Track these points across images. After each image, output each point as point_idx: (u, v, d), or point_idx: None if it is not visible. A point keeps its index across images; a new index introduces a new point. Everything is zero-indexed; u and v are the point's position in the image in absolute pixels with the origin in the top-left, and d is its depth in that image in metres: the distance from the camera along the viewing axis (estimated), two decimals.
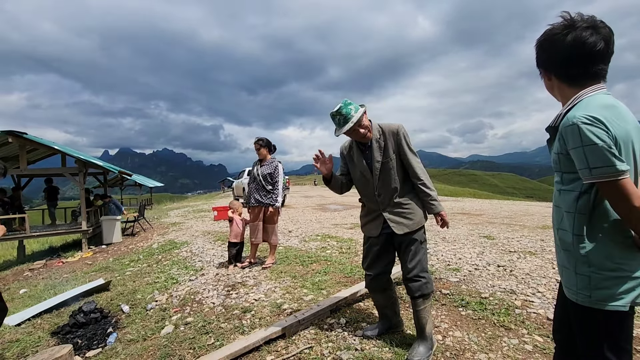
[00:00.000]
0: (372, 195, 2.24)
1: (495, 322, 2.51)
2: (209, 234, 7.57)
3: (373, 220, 2.28)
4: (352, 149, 2.31)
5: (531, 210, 9.76)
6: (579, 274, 1.07)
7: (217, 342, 2.58)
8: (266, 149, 4.39)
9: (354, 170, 2.32)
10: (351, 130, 2.09)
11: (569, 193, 1.09)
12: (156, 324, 3.11)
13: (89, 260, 7.12)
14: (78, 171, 9.13)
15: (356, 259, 4.46)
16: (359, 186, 2.34)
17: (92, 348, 2.86)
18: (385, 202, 2.21)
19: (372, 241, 2.31)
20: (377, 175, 2.18)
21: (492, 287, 3.19)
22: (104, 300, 3.93)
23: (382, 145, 2.16)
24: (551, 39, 1.11)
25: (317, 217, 9.78)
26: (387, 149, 2.16)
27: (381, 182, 2.18)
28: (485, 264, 3.89)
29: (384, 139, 2.17)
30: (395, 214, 2.18)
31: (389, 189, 2.18)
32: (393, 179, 2.17)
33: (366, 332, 2.41)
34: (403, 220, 2.17)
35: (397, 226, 2.17)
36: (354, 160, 2.28)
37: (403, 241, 2.19)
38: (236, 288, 3.70)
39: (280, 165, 4.38)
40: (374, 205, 2.26)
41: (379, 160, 2.16)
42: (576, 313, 1.10)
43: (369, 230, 2.32)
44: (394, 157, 2.16)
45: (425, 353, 2.08)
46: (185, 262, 5.21)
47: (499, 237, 5.46)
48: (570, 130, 1.00)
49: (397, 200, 2.19)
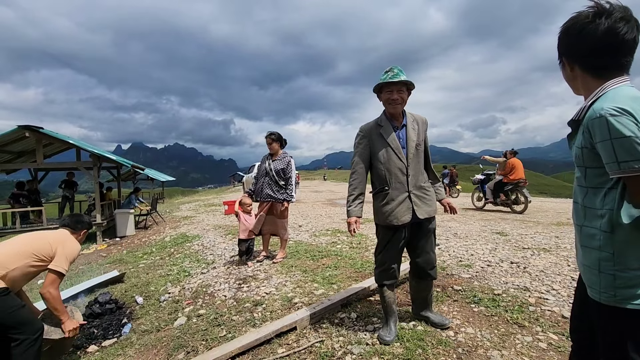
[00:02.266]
0: (403, 174, 2.21)
1: (509, 319, 2.48)
2: (219, 228, 7.64)
3: (401, 203, 2.20)
4: (381, 127, 2.25)
5: (545, 206, 9.57)
6: (603, 272, 1.03)
7: (229, 335, 2.61)
8: (278, 144, 4.38)
9: (383, 148, 2.23)
10: (399, 85, 2.16)
11: (594, 189, 1.05)
12: (169, 315, 3.17)
13: (103, 252, 7.28)
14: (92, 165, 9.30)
15: (366, 254, 4.45)
16: (386, 165, 2.22)
17: (108, 338, 2.93)
18: (412, 183, 2.23)
19: (400, 232, 2.24)
20: (411, 155, 2.22)
21: (505, 283, 3.14)
22: (118, 292, 4.01)
23: (416, 129, 2.26)
24: (580, 27, 1.05)
25: (327, 211, 9.78)
26: (419, 134, 2.27)
27: (411, 162, 2.22)
28: (498, 261, 3.83)
29: (416, 124, 2.27)
30: (419, 198, 2.24)
31: (416, 171, 2.25)
32: (420, 163, 2.29)
33: (385, 338, 2.25)
34: (424, 206, 2.24)
35: (419, 210, 2.22)
36: (385, 137, 2.23)
37: (422, 228, 2.28)
38: (247, 281, 3.73)
39: (292, 160, 4.37)
40: (401, 187, 2.21)
41: (414, 141, 2.23)
42: (599, 313, 1.07)
43: (400, 215, 2.19)
44: (422, 143, 2.28)
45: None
46: (197, 255, 5.27)
47: (512, 233, 5.37)
48: (597, 122, 0.95)
49: (421, 184, 2.27)
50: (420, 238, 2.30)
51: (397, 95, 2.18)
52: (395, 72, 2.16)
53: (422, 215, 2.21)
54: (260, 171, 4.42)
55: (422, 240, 2.31)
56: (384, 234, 2.33)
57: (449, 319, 2.46)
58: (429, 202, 2.27)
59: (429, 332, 2.36)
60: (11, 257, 2.24)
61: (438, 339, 2.27)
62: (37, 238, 2.43)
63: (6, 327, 2.11)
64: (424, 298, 2.48)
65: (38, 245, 2.36)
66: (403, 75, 2.14)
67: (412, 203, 2.21)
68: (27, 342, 2.13)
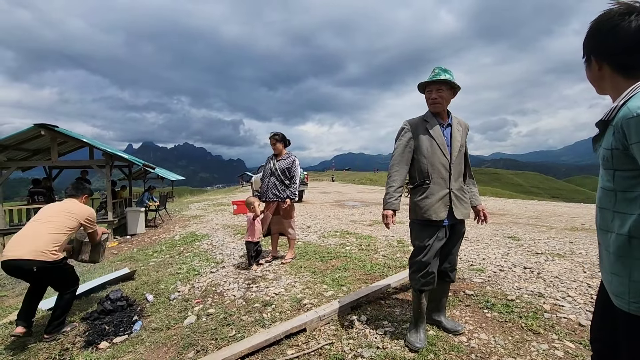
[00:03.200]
0: (446, 170, 2.18)
1: (523, 326, 2.42)
2: (228, 227, 7.68)
3: (440, 199, 2.16)
4: (428, 123, 2.22)
5: (558, 210, 9.40)
6: (634, 280, 0.98)
7: (238, 334, 2.61)
8: (282, 144, 4.40)
9: (429, 142, 2.19)
10: (438, 84, 2.16)
11: (624, 193, 1.00)
12: (179, 313, 3.18)
13: (114, 249, 7.37)
14: (105, 163, 9.44)
15: (375, 256, 4.41)
16: (430, 160, 2.18)
17: (119, 334, 2.95)
18: (454, 181, 2.22)
19: (440, 231, 2.18)
20: (456, 154, 2.21)
21: (519, 289, 3.08)
22: (129, 289, 4.05)
23: (461, 131, 2.27)
24: (611, 24, 1.01)
25: (335, 213, 9.75)
26: (463, 136, 2.28)
27: (455, 162, 2.21)
28: (510, 266, 3.76)
29: (461, 127, 2.29)
30: (458, 199, 2.23)
31: (458, 171, 2.25)
32: (461, 164, 2.29)
33: (416, 344, 2.17)
34: (461, 207, 2.24)
35: (457, 210, 2.20)
36: (430, 132, 2.20)
37: (456, 230, 2.29)
38: (256, 281, 3.73)
39: (297, 160, 4.38)
40: (443, 183, 2.18)
41: (459, 141, 2.24)
42: (627, 323, 1.02)
43: (439, 210, 2.14)
44: (464, 145, 2.30)
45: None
46: (206, 254, 5.30)
47: (525, 238, 5.27)
48: (634, 122, 0.90)
49: (461, 185, 2.28)
50: (452, 240, 2.29)
51: (436, 94, 2.18)
52: (436, 72, 2.18)
53: (459, 215, 2.20)
54: (265, 172, 4.44)
55: (452, 242, 2.30)
56: (423, 232, 2.20)
57: (462, 325, 2.42)
58: (465, 205, 2.27)
59: (440, 337, 2.32)
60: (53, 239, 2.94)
61: (450, 344, 2.23)
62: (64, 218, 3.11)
63: (67, 283, 3.09)
64: (439, 301, 2.44)
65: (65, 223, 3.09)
66: (444, 75, 2.14)
67: (451, 201, 2.18)
68: (70, 293, 3.11)
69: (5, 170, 8.89)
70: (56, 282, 3.05)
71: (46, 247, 2.87)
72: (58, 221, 3.06)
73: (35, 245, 2.85)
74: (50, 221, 3.04)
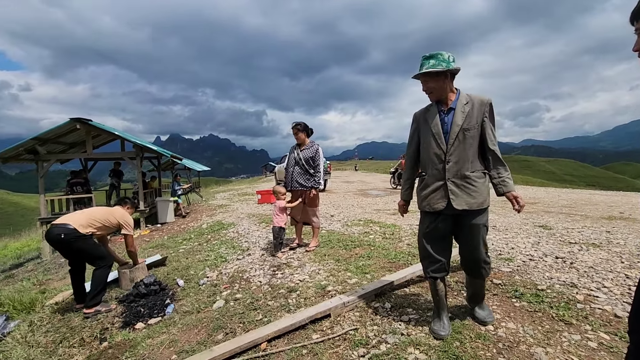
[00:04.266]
0: (440, 161, 2.13)
1: (554, 316, 2.35)
2: (253, 216, 7.84)
3: (435, 190, 2.15)
4: (428, 112, 2.21)
5: (594, 199, 8.93)
6: None
7: (264, 319, 2.69)
8: (304, 133, 4.40)
9: (426, 132, 2.19)
10: (424, 77, 2.09)
11: None
12: (208, 298, 3.31)
13: (146, 237, 7.73)
14: (135, 155, 9.84)
15: (400, 244, 4.39)
16: (426, 151, 2.20)
17: (153, 316, 3.12)
18: (453, 171, 2.10)
19: (439, 221, 2.17)
20: (453, 140, 2.08)
21: (550, 279, 2.98)
22: (161, 274, 4.25)
23: (467, 112, 2.07)
24: None
25: (359, 202, 9.73)
26: (470, 117, 2.07)
27: (454, 149, 2.08)
28: (541, 255, 3.63)
29: (470, 107, 2.08)
30: (459, 187, 2.09)
31: (461, 158, 2.08)
32: (468, 150, 2.08)
33: (440, 332, 2.17)
34: (464, 196, 2.08)
35: (457, 200, 2.07)
36: (429, 121, 2.17)
37: (464, 221, 2.13)
38: (281, 269, 3.81)
39: (320, 148, 4.38)
40: (437, 174, 2.14)
41: (459, 125, 2.06)
42: None
43: (434, 202, 2.15)
44: (476, 127, 2.07)
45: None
46: (232, 242, 5.46)
47: (557, 227, 5.06)
48: None
49: (466, 173, 2.09)
50: (462, 231, 2.17)
51: (425, 87, 2.13)
52: (420, 63, 2.10)
53: (459, 205, 2.07)
54: (289, 161, 4.48)
55: (463, 235, 2.18)
56: (423, 220, 2.28)
57: (493, 317, 2.36)
58: (472, 193, 2.07)
59: (466, 325, 2.30)
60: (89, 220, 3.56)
61: (477, 332, 2.20)
62: (106, 212, 3.79)
63: (94, 257, 3.52)
64: (472, 291, 2.39)
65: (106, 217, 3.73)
66: (426, 66, 2.06)
67: (448, 192, 2.10)
68: (105, 267, 3.55)
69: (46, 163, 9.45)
70: (82, 254, 3.52)
71: (79, 222, 3.47)
72: (99, 212, 3.75)
73: (72, 218, 3.51)
74: (92, 211, 3.75)
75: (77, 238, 3.40)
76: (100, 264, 3.53)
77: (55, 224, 3.44)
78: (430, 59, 2.06)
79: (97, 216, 3.66)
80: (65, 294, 4.07)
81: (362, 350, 2.14)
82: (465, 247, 2.20)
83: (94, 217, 3.63)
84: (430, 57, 2.06)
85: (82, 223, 3.49)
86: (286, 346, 2.27)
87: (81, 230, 3.43)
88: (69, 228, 3.38)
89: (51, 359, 2.68)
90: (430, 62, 2.05)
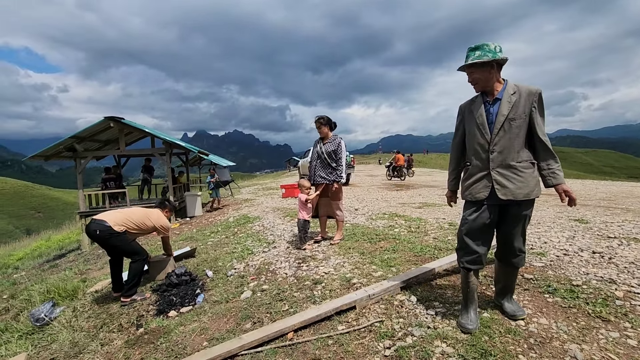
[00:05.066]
0: (484, 151, 2.12)
1: (590, 312, 2.25)
2: (278, 210, 7.96)
3: (479, 180, 2.15)
4: (474, 103, 2.21)
5: (637, 191, 8.39)
6: None
7: (290, 309, 2.75)
8: (327, 127, 4.39)
9: (470, 123, 2.20)
10: (469, 68, 2.10)
11: None
12: (236, 288, 3.42)
13: (176, 230, 8.03)
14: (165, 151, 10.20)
15: (426, 238, 4.32)
16: (471, 141, 2.21)
17: (185, 305, 3.26)
18: (497, 161, 2.08)
19: (482, 211, 2.14)
20: (497, 130, 2.07)
21: (586, 274, 2.84)
22: (191, 266, 4.42)
23: (513, 102, 2.05)
24: None
25: (383, 195, 9.64)
26: (517, 107, 2.04)
27: (499, 139, 2.07)
28: (576, 250, 3.47)
29: (517, 97, 2.06)
30: (505, 177, 2.07)
31: (506, 148, 2.06)
32: (514, 140, 2.05)
33: (467, 326, 2.14)
34: (510, 186, 2.05)
35: (502, 190, 2.06)
36: (474, 112, 2.18)
37: (509, 212, 2.12)
38: (306, 261, 3.86)
39: (342, 142, 4.37)
40: (482, 164, 2.14)
41: (505, 115, 2.05)
42: None
43: (476, 191, 2.15)
44: (523, 117, 2.04)
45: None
46: (258, 235, 5.57)
47: (594, 220, 4.81)
48: None
49: (512, 163, 2.06)
50: (505, 221, 2.16)
51: (470, 78, 2.14)
52: (466, 54, 2.10)
53: (503, 196, 2.05)
54: (312, 155, 4.50)
55: (505, 224, 2.16)
56: (466, 209, 2.25)
57: (523, 310, 2.29)
58: (518, 184, 2.05)
59: (496, 319, 2.24)
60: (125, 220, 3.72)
61: (507, 327, 2.15)
62: (143, 215, 3.90)
63: (129, 252, 3.73)
64: (503, 283, 2.35)
65: (142, 220, 3.87)
66: (471, 57, 2.07)
67: (492, 182, 2.09)
68: (140, 260, 3.75)
69: (83, 160, 9.99)
70: (118, 249, 3.72)
71: (115, 221, 3.64)
72: (136, 214, 3.86)
73: (109, 216, 3.69)
74: (130, 212, 3.88)
75: (111, 235, 3.58)
76: (135, 257, 3.73)
77: (95, 219, 3.66)
78: (476, 50, 2.06)
79: (134, 218, 3.80)
80: (103, 283, 4.33)
81: (387, 342, 2.14)
82: (504, 235, 2.19)
83: (131, 218, 3.77)
84: (476, 49, 2.07)
85: (118, 222, 3.65)
86: (312, 336, 2.31)
87: (116, 228, 3.60)
88: (105, 225, 3.56)
89: (93, 342, 2.86)
90: (475, 53, 2.06)
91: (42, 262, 9.92)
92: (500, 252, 2.28)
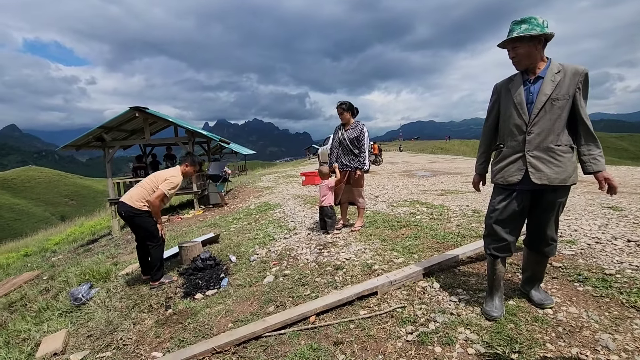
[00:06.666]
0: (520, 133, 2.01)
1: (624, 302, 2.16)
2: (298, 197, 8.02)
3: (512, 163, 2.04)
4: (512, 82, 2.09)
5: None
6: None
7: (312, 294, 2.79)
8: (349, 113, 4.32)
9: (507, 102, 2.09)
10: (512, 43, 1.97)
11: None
12: (259, 273, 3.49)
13: (200, 217, 8.26)
14: (188, 140, 10.42)
15: (448, 225, 4.25)
16: (506, 122, 2.10)
17: (210, 288, 3.37)
18: (534, 143, 1.97)
19: (513, 198, 2.05)
20: (538, 111, 1.95)
21: (620, 263, 2.72)
22: (215, 251, 4.54)
23: (557, 81, 1.92)
24: None
25: (404, 183, 9.51)
26: (561, 87, 1.92)
27: (538, 119, 1.95)
28: (609, 238, 3.32)
29: (561, 76, 1.93)
30: (540, 160, 1.96)
31: (545, 129, 1.95)
32: (555, 121, 1.94)
33: (492, 313, 2.10)
34: (546, 170, 1.94)
35: (537, 173, 1.95)
36: (511, 91, 2.06)
37: (543, 198, 2.02)
38: (327, 247, 3.89)
39: (365, 128, 4.30)
40: (516, 145, 2.03)
41: (547, 94, 1.93)
42: None
43: (508, 174, 2.05)
44: (566, 97, 1.92)
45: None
46: (279, 221, 5.65)
47: (630, 208, 4.57)
48: None
49: (550, 145, 1.95)
50: (538, 208, 2.06)
51: (513, 53, 2.00)
52: (510, 28, 1.98)
53: (538, 180, 1.94)
54: (334, 141, 4.45)
55: (538, 211, 2.06)
56: (495, 195, 2.16)
57: (552, 299, 2.23)
58: (555, 168, 1.94)
59: (522, 307, 2.20)
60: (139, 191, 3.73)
61: (533, 315, 2.10)
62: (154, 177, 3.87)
63: (149, 236, 3.75)
64: (530, 272, 2.28)
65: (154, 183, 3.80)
66: (517, 30, 1.93)
67: (526, 164, 1.98)
68: (156, 247, 3.77)
69: (111, 149, 10.36)
70: (141, 230, 3.79)
71: (131, 198, 3.70)
72: (146, 184, 3.82)
73: (129, 195, 3.75)
74: (142, 184, 3.85)
75: (134, 215, 3.66)
76: (152, 243, 3.75)
77: (120, 201, 3.78)
78: (522, 24, 1.93)
79: (145, 184, 3.76)
80: (133, 266, 4.52)
81: (410, 327, 2.15)
82: (537, 223, 2.11)
83: (144, 186, 3.74)
84: (522, 22, 1.94)
85: (134, 198, 3.67)
86: (334, 320, 2.34)
87: (135, 205, 3.64)
88: (126, 205, 3.65)
89: (126, 321, 3.02)
90: (522, 26, 1.93)
91: (77, 247, 10.48)
92: (531, 240, 2.19)
